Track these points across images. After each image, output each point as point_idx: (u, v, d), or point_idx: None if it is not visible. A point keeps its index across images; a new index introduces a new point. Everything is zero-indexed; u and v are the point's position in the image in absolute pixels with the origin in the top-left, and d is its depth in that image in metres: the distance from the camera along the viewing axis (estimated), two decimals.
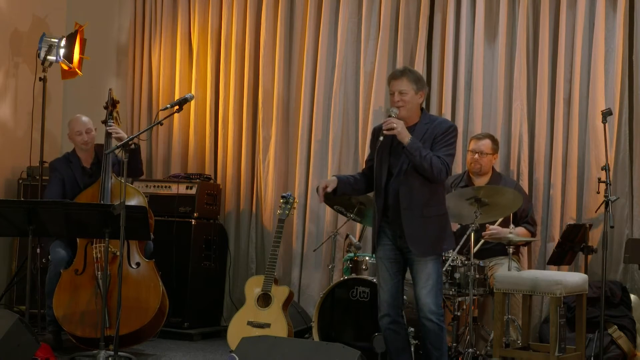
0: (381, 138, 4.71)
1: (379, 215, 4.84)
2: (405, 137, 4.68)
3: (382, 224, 4.84)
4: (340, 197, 5.88)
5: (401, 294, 4.92)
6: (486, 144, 6.03)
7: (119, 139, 5.90)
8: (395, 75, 4.85)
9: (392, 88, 4.83)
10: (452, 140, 4.81)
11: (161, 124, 5.74)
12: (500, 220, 5.76)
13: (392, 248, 4.85)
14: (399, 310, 4.89)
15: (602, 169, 5.66)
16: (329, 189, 4.85)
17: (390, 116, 4.74)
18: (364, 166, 5.22)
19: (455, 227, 5.71)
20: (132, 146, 5.53)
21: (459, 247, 5.58)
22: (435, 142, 4.76)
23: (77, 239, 5.82)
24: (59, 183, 6.12)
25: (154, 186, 6.94)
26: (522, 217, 5.97)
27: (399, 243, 4.82)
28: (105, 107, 6.13)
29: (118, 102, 6.18)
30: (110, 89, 6.20)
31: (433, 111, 6.62)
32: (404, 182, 4.74)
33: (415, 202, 4.74)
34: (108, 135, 6.03)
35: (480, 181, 6.04)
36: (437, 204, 4.83)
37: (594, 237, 5.98)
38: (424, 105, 4.99)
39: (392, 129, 4.67)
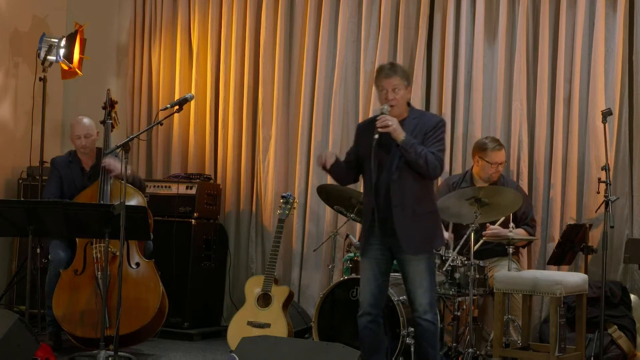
0: (376, 136, 4.66)
1: (368, 214, 4.81)
2: (400, 134, 4.66)
3: (371, 224, 4.80)
4: (340, 197, 5.90)
5: (384, 295, 4.89)
6: (503, 153, 6.01)
7: (110, 170, 5.86)
8: (387, 73, 4.79)
9: (384, 85, 4.76)
10: (443, 135, 4.80)
11: (161, 124, 5.73)
12: (501, 220, 5.75)
13: (379, 248, 4.81)
14: (380, 310, 4.86)
15: (602, 169, 5.66)
16: (328, 165, 4.84)
17: (382, 113, 4.71)
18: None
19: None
20: (130, 178, 5.57)
21: (459, 247, 5.58)
22: (426, 138, 4.74)
23: (76, 239, 5.82)
24: (58, 181, 6.12)
25: (154, 186, 6.94)
26: (522, 219, 5.96)
27: (389, 242, 4.77)
28: (104, 108, 6.13)
29: (116, 102, 6.18)
30: (108, 90, 6.19)
31: (433, 111, 6.62)
32: (395, 179, 4.71)
33: (407, 199, 4.71)
34: (107, 136, 6.04)
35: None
36: (428, 200, 4.83)
37: (594, 237, 5.97)
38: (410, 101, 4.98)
39: (387, 126, 4.65)
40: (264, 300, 5.91)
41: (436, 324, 4.78)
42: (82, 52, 7.00)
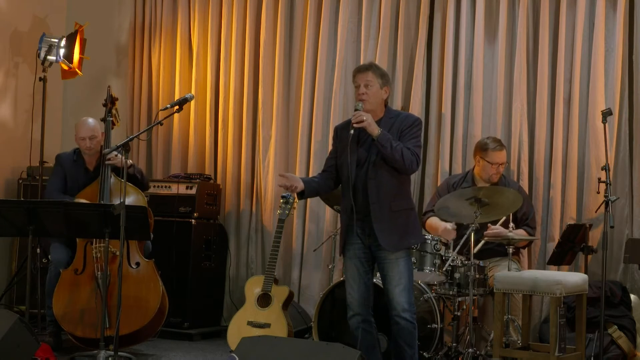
0: (351, 131, 4.71)
1: (347, 213, 4.82)
2: (375, 129, 4.70)
3: (350, 223, 4.81)
4: (340, 197, 5.89)
5: (371, 293, 4.90)
6: (504, 154, 6.00)
7: (113, 165, 5.87)
8: (361, 69, 4.88)
9: (357, 81, 4.83)
10: (419, 132, 4.86)
11: (161, 124, 5.72)
12: (502, 220, 5.75)
13: (361, 247, 4.83)
14: (369, 309, 4.88)
15: (602, 169, 5.66)
16: (297, 190, 4.84)
17: (357, 109, 4.75)
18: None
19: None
20: (131, 170, 5.55)
21: (459, 247, 5.58)
22: (402, 135, 4.78)
23: (77, 239, 5.82)
24: (62, 177, 6.10)
25: (154, 186, 6.93)
26: (523, 220, 5.95)
27: (368, 241, 4.80)
28: (104, 105, 6.12)
29: (117, 99, 6.16)
30: (109, 86, 6.19)
31: (433, 111, 6.63)
32: (372, 176, 4.74)
33: (384, 196, 4.74)
34: (107, 133, 6.04)
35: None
36: (405, 197, 4.85)
37: (594, 237, 5.98)
38: (388, 102, 4.98)
39: (362, 121, 4.68)
40: (264, 300, 5.91)
41: (414, 323, 4.79)
42: (82, 52, 6.99)
